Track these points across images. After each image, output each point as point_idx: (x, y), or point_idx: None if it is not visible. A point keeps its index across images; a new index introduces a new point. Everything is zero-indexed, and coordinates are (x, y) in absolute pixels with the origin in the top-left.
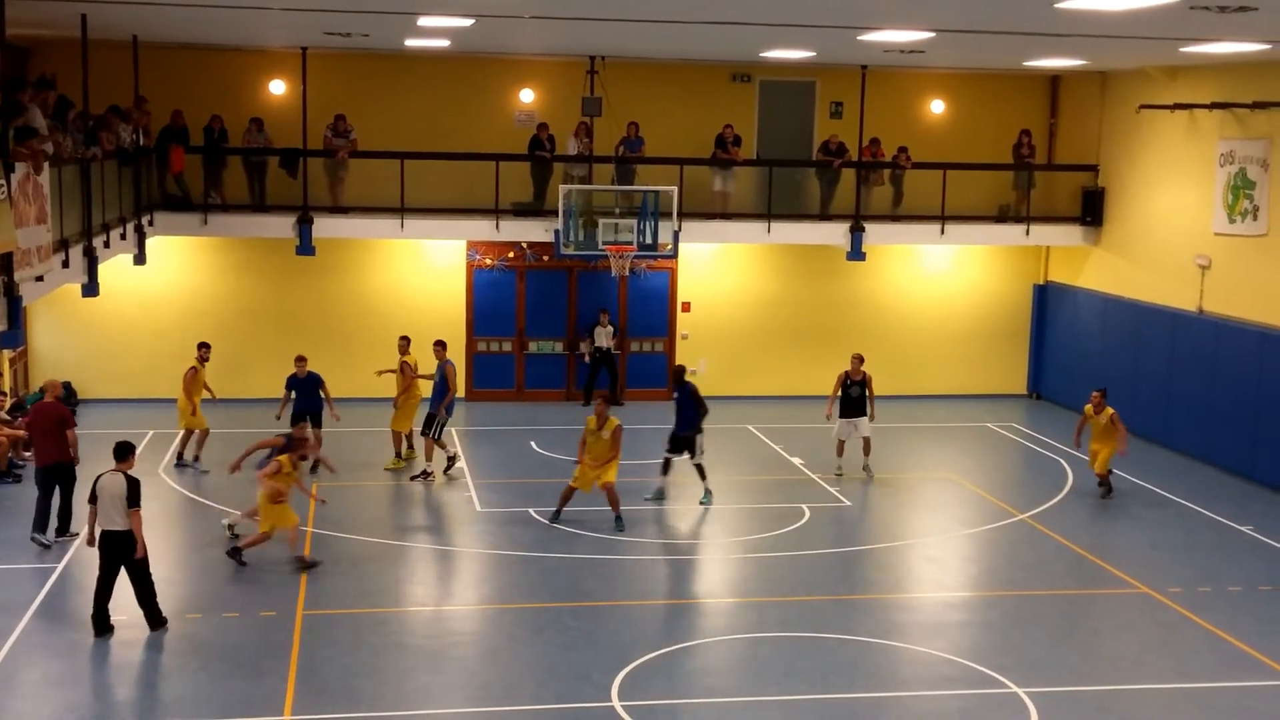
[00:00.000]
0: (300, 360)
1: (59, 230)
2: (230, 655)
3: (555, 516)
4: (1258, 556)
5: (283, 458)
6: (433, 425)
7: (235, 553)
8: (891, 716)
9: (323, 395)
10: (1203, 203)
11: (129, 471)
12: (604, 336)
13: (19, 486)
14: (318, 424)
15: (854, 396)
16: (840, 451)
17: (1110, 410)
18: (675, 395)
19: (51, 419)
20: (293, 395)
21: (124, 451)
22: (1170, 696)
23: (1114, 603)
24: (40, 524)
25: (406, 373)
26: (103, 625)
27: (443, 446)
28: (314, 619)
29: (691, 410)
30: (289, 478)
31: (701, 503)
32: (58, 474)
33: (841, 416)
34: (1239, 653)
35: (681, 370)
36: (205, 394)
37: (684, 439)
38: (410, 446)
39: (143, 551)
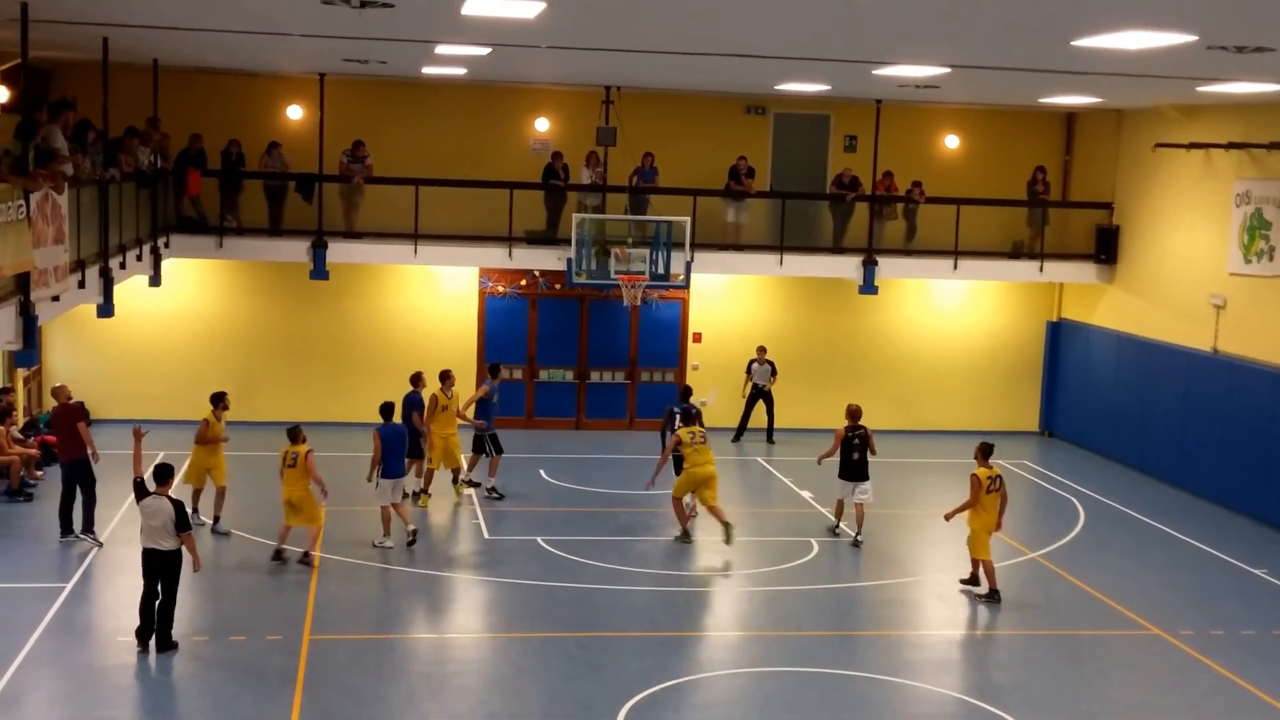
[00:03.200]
0: (417, 378)
1: (76, 251)
2: (236, 679)
3: (683, 535)
4: (1272, 600)
5: None
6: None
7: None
8: None
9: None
10: (1218, 242)
11: (170, 494)
12: (762, 375)
13: (30, 505)
14: (418, 451)
15: (854, 460)
16: (840, 511)
17: (994, 470)
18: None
19: (63, 417)
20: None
21: (165, 474)
22: None
23: (1124, 644)
24: (65, 526)
25: (450, 407)
26: (147, 638)
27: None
28: (320, 644)
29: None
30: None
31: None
32: (76, 471)
33: (841, 477)
34: (1251, 697)
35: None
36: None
37: None
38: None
39: (199, 567)
